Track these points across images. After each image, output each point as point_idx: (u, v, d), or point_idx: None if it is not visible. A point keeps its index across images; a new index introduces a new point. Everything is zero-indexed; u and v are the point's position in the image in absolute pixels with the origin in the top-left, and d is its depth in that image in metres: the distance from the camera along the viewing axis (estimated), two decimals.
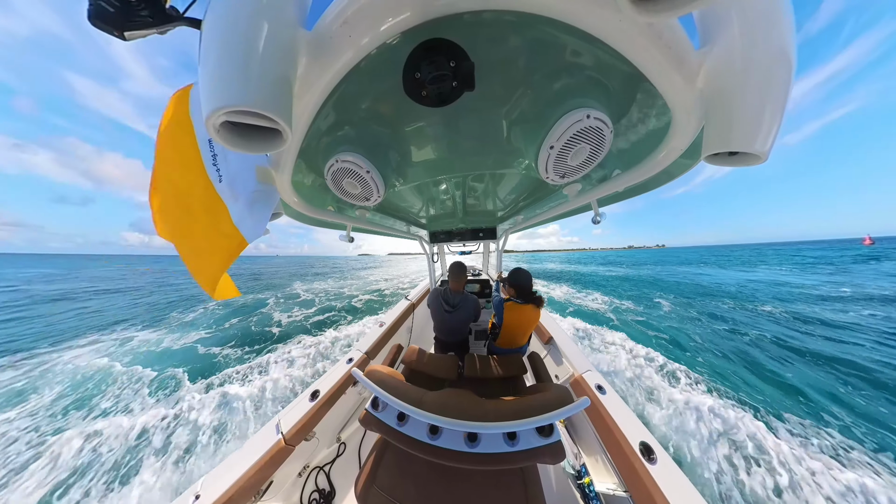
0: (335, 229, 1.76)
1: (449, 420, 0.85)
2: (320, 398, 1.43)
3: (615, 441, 1.11)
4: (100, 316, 11.75)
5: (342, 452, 1.62)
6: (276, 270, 46.98)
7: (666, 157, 0.70)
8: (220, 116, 0.36)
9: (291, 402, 1.42)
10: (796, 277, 19.65)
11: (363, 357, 1.87)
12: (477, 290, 3.69)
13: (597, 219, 1.13)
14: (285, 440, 1.20)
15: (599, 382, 1.41)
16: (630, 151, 0.83)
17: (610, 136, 0.65)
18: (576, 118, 0.63)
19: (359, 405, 1.87)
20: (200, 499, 0.95)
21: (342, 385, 1.56)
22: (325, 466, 1.51)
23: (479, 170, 1.09)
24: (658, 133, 0.69)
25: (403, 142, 0.84)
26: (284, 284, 21.09)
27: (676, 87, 0.49)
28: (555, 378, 1.84)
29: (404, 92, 0.57)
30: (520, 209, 1.99)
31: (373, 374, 1.16)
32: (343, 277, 27.64)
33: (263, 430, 1.24)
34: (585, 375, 1.47)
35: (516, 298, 1.75)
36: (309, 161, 0.89)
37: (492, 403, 0.97)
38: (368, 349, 1.95)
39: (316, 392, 1.47)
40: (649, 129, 0.71)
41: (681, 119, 0.56)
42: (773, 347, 6.32)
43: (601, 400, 1.27)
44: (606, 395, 1.31)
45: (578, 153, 0.70)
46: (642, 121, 0.69)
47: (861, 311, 9.71)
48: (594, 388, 1.36)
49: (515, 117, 0.72)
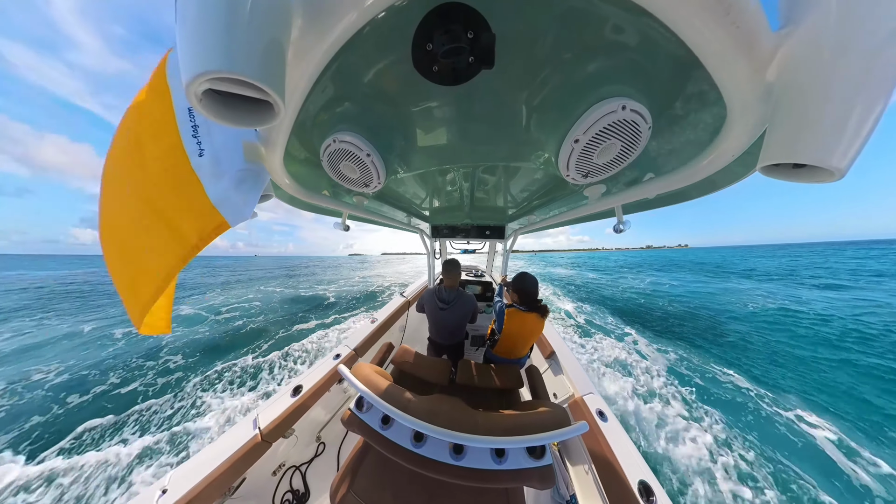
0: (330, 216, 1.71)
1: (435, 428, 0.82)
2: (302, 394, 1.41)
3: (612, 474, 1.05)
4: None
5: (321, 452, 1.61)
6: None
7: (712, 163, 0.61)
8: (201, 83, 0.32)
9: (272, 396, 1.40)
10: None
11: (351, 354, 1.84)
12: (478, 292, 3.61)
13: (620, 227, 1.02)
14: (262, 436, 1.17)
15: (601, 408, 1.34)
16: (668, 153, 0.74)
17: (647, 132, 0.58)
18: (609, 109, 0.55)
19: (342, 404, 1.85)
20: (167, 493, 0.93)
21: (327, 382, 1.54)
22: (301, 466, 1.50)
23: (491, 161, 1.02)
24: (706, 133, 0.61)
25: (409, 123, 0.78)
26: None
27: (739, 78, 0.41)
28: (553, 396, 1.78)
29: (413, 66, 0.52)
30: (533, 208, 1.87)
31: (359, 373, 1.14)
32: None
33: (240, 424, 1.21)
34: (587, 398, 1.41)
35: (519, 305, 1.68)
36: (303, 139, 0.84)
37: (482, 415, 0.94)
38: (357, 346, 1.92)
39: (299, 387, 1.44)
40: (696, 128, 0.62)
41: (738, 118, 0.48)
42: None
43: (601, 427, 1.21)
44: (608, 422, 1.25)
45: (607, 150, 0.63)
46: (688, 117, 0.60)
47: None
48: (595, 413, 1.30)
49: (538, 103, 0.64)
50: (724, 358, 6.67)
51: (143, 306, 0.64)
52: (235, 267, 71.65)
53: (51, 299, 17.71)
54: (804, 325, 9.29)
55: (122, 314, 10.89)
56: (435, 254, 3.30)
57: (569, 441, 1.30)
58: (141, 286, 0.64)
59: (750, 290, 17.68)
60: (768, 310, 11.67)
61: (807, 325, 9.35)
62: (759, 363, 6.48)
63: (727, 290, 17.65)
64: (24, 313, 13.06)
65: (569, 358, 1.84)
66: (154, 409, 4.62)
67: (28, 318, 11.96)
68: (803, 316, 10.42)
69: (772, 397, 4.95)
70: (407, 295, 3.14)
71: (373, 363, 1.50)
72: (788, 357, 6.88)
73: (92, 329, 9.72)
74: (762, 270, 34.12)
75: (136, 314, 0.65)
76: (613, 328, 8.67)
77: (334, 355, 1.77)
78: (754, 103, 0.43)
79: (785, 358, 6.81)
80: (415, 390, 1.10)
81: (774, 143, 0.42)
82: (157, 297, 0.63)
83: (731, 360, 6.60)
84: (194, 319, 10.46)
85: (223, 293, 17.27)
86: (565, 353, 1.90)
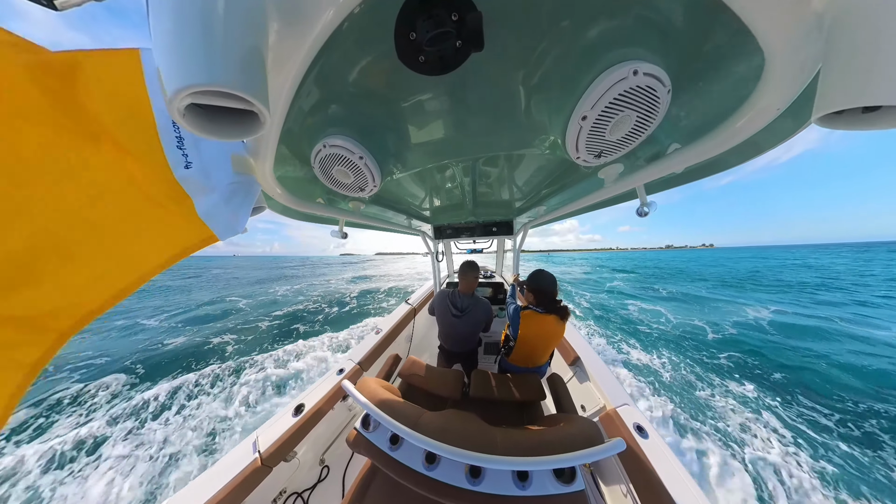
0: (327, 224, 1.68)
1: (448, 448, 0.77)
2: (304, 413, 1.35)
3: (658, 502, 0.93)
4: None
5: (325, 477, 1.54)
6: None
7: (751, 121, 0.52)
8: (183, 98, 0.32)
9: (273, 416, 1.35)
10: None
11: (355, 368, 1.77)
12: (489, 294, 3.46)
13: (643, 209, 0.94)
14: (262, 460, 1.12)
15: (639, 421, 1.18)
16: (696, 117, 0.67)
17: (666, 97, 0.53)
18: (618, 76, 0.50)
19: (347, 423, 1.79)
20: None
21: (330, 399, 1.48)
22: (304, 493, 1.43)
23: (491, 151, 0.97)
24: (741, 87, 0.52)
25: (400, 120, 0.76)
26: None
27: (777, 14, 0.34)
28: (580, 409, 1.63)
29: (398, 58, 0.50)
30: (542, 198, 1.78)
31: (365, 388, 1.10)
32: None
33: (239, 448, 1.17)
34: (621, 410, 1.26)
35: (536, 307, 1.60)
36: (292, 147, 0.82)
37: (501, 432, 0.88)
38: (362, 359, 1.86)
39: (300, 406, 1.39)
40: (727, 82, 0.54)
41: (781, 62, 0.39)
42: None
43: (641, 445, 1.08)
44: (648, 439, 1.11)
45: (620, 124, 0.58)
46: (716, 71, 0.53)
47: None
48: (632, 428, 1.15)
49: (537, 82, 0.60)
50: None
51: (88, 312, 0.55)
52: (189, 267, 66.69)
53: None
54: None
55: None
56: (439, 256, 3.23)
57: (603, 462, 1.18)
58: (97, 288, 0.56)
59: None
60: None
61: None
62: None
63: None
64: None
65: (597, 364, 1.70)
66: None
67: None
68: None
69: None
70: (412, 302, 3.03)
71: (379, 377, 1.45)
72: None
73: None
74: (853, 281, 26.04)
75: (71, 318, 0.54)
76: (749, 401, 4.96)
77: (338, 370, 1.71)
78: (800, 40, 0.35)
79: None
80: (425, 405, 1.05)
81: (834, 86, 0.35)
82: (112, 302, 0.57)
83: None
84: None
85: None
86: (592, 359, 1.75)
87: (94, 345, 8.83)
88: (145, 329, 10.71)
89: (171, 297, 19.26)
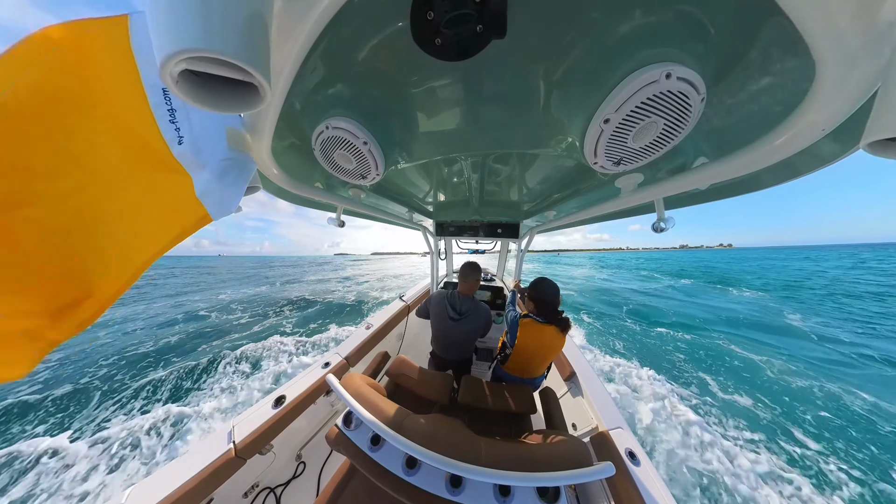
0: (324, 210, 1.64)
1: (431, 454, 0.75)
2: (285, 405, 1.33)
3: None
4: None
5: (300, 473, 1.52)
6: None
7: (792, 140, 0.47)
8: (177, 64, 0.30)
9: (251, 406, 1.32)
10: None
11: (342, 362, 1.72)
12: (487, 298, 3.36)
13: (661, 225, 0.88)
14: (236, 451, 1.10)
15: (632, 447, 1.15)
16: (728, 129, 0.63)
17: (699, 105, 0.49)
18: (648, 79, 0.47)
19: (328, 419, 1.76)
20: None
21: (313, 393, 1.45)
22: (277, 488, 1.41)
23: (503, 148, 0.93)
24: (784, 100, 0.50)
25: (410, 106, 0.72)
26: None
27: (838, 20, 0.29)
28: (571, 427, 1.59)
29: (412, 39, 0.47)
30: (552, 203, 1.73)
31: (350, 384, 1.08)
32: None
33: (213, 437, 1.15)
34: (614, 433, 1.23)
35: (536, 316, 1.55)
36: (293, 126, 0.79)
37: (487, 443, 0.87)
38: (349, 354, 1.82)
39: (281, 398, 1.36)
40: (769, 94, 0.51)
41: (835, 78, 0.35)
42: None
43: (632, 471, 1.05)
44: (640, 466, 1.09)
45: (645, 131, 0.55)
46: (758, 81, 0.50)
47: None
48: (624, 453, 1.12)
49: (559, 77, 0.57)
50: None
51: (98, 301, 0.56)
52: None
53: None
54: None
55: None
56: (440, 254, 3.18)
57: (589, 485, 1.17)
58: (107, 274, 0.58)
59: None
60: None
61: None
62: None
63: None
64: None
65: (593, 382, 1.64)
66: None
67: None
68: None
69: None
70: (407, 299, 2.94)
71: (365, 374, 1.42)
72: None
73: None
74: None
75: (74, 314, 0.54)
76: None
77: (323, 363, 1.66)
78: (861, 53, 0.31)
79: None
80: (411, 407, 1.03)
81: (893, 109, 0.32)
82: (124, 289, 0.59)
83: None
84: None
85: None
86: (589, 376, 1.68)
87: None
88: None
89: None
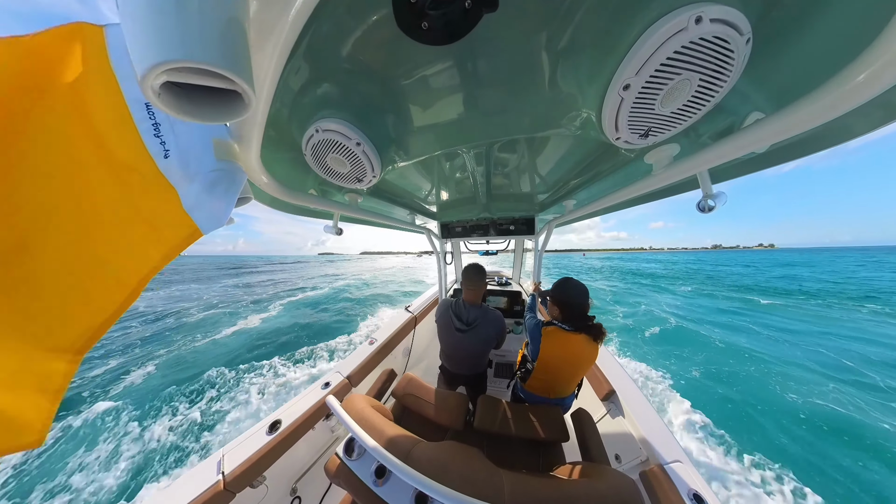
0: (320, 218, 1.61)
1: (445, 490, 0.68)
2: (280, 431, 1.25)
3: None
4: None
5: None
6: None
7: (874, 76, 0.35)
8: (158, 76, 0.29)
9: (244, 432, 1.25)
10: None
11: (343, 382, 1.62)
12: (503, 305, 3.11)
13: (707, 202, 0.73)
14: (225, 483, 1.04)
15: (697, 488, 0.96)
16: (786, 74, 0.56)
17: (745, 49, 0.43)
18: (673, 28, 0.41)
19: (328, 447, 1.65)
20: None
21: (311, 417, 1.36)
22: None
23: (509, 134, 0.87)
24: (854, 31, 0.42)
25: (402, 100, 0.70)
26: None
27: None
28: (614, 459, 1.38)
29: (397, 26, 0.46)
30: (571, 191, 1.57)
31: (352, 407, 1.02)
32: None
33: (201, 466, 1.10)
34: (671, 468, 1.03)
35: (562, 323, 1.33)
36: (281, 132, 0.79)
37: (510, 477, 0.78)
38: (351, 373, 1.72)
39: (276, 423, 1.29)
40: (833, 24, 0.44)
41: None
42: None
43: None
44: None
45: (676, 91, 0.49)
46: (814, 11, 0.43)
47: None
48: (686, 496, 0.94)
49: (565, 44, 0.52)
50: None
51: (86, 328, 0.55)
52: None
53: None
54: None
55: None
56: (446, 257, 3.05)
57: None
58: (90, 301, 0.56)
59: None
60: None
61: None
62: None
63: None
64: None
65: (639, 402, 1.40)
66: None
67: None
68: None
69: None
70: (413, 310, 2.79)
71: (369, 395, 1.35)
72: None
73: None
74: None
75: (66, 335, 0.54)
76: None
77: (323, 384, 1.57)
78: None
79: None
80: (421, 433, 0.97)
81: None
82: (118, 315, 0.58)
83: None
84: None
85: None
86: (633, 395, 1.45)
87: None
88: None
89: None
